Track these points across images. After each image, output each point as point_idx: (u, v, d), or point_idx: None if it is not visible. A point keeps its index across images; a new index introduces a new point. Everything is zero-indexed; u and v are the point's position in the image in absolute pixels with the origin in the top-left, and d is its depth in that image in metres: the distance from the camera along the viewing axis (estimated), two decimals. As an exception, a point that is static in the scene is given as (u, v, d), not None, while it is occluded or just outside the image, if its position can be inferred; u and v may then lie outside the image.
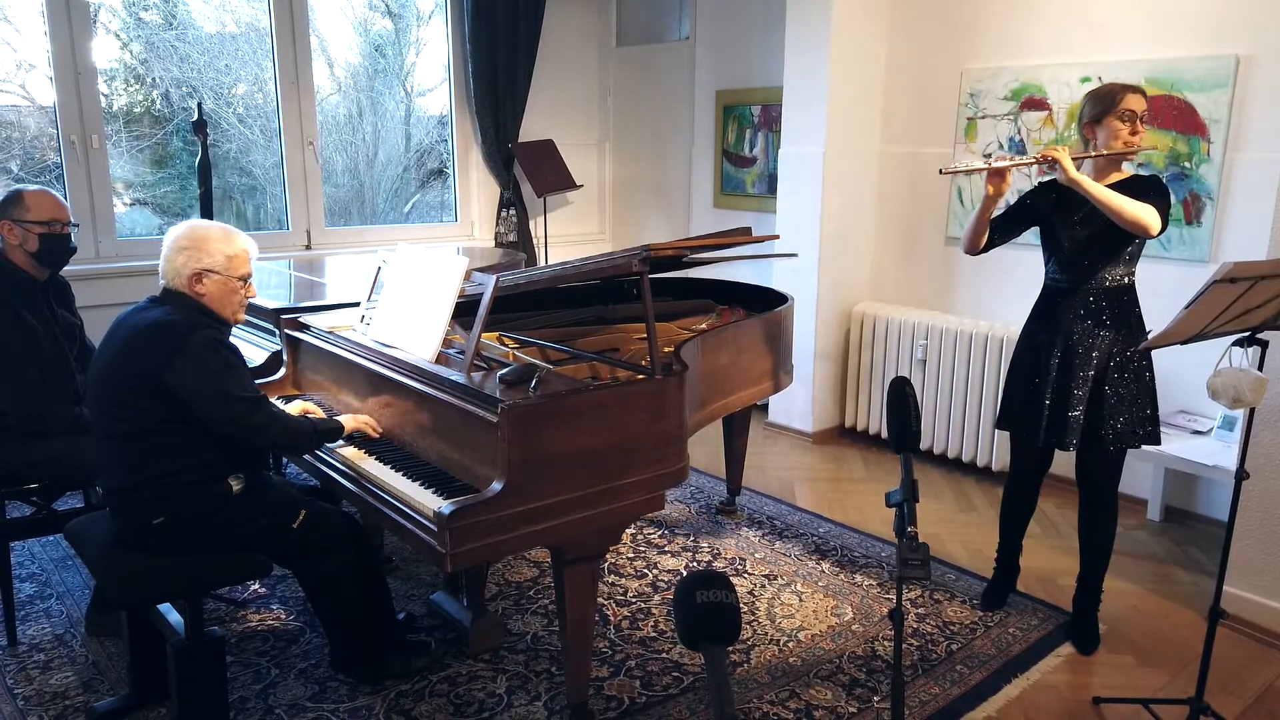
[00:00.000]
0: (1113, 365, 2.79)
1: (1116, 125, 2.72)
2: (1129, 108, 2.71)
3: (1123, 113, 2.71)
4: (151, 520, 2.38)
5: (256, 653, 2.92)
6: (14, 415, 2.85)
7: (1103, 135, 2.75)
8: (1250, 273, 2.09)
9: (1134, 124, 2.72)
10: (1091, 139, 2.80)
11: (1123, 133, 2.72)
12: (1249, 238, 3.61)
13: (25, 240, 2.94)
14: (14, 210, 2.93)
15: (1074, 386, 2.81)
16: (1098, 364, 2.79)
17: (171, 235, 2.51)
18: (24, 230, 2.93)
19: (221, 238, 2.50)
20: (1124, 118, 2.71)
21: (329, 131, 5.52)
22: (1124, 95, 2.72)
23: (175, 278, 2.46)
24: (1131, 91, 2.73)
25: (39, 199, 2.96)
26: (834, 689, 2.77)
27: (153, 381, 2.33)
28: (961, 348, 4.42)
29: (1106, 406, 2.79)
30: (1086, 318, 2.81)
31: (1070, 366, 2.81)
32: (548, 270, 2.95)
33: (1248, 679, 2.85)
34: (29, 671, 2.82)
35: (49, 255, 2.98)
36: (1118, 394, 2.79)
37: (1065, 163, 2.66)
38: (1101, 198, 2.64)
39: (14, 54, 4.45)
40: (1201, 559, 3.65)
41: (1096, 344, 2.80)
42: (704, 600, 1.29)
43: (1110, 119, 2.72)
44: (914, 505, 1.78)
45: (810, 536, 3.82)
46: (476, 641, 2.93)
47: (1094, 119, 2.76)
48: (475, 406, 2.35)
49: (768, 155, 5.36)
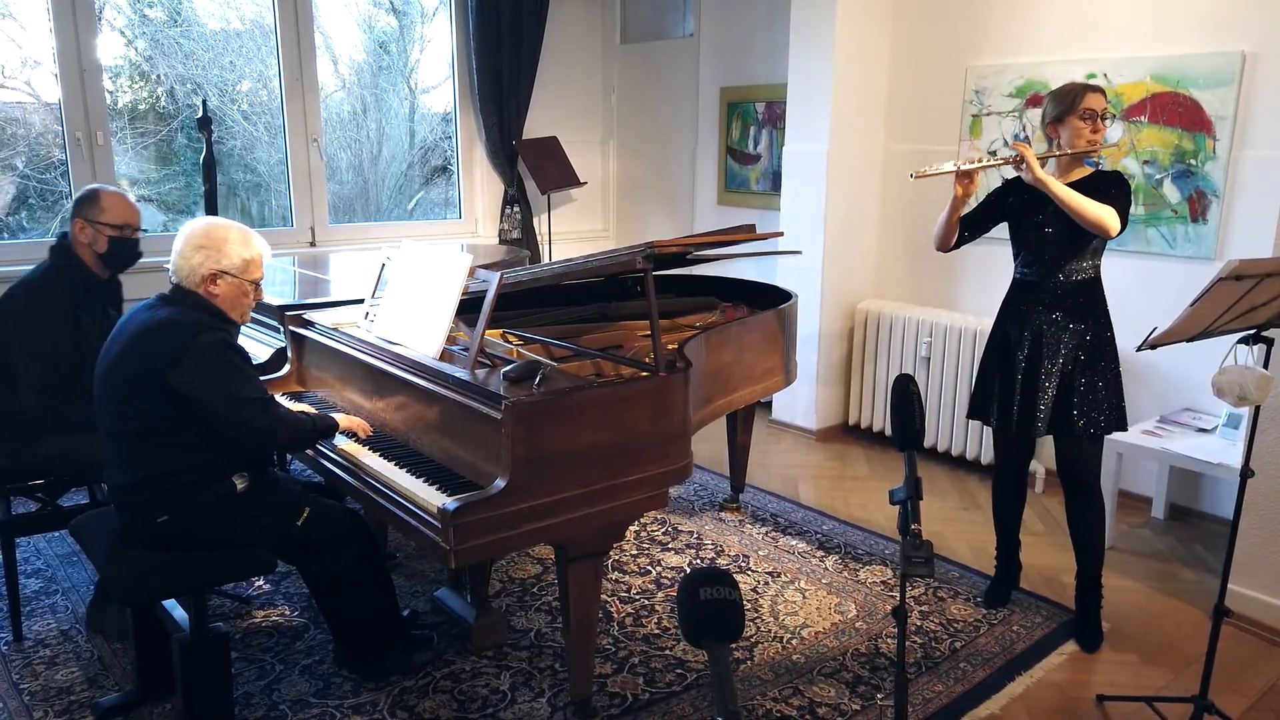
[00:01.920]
0: (1080, 357, 2.86)
1: (1078, 125, 2.77)
2: (1089, 107, 2.76)
3: (1083, 112, 2.76)
4: (155, 518, 2.39)
5: (261, 648, 2.92)
6: (38, 411, 2.85)
7: (1065, 135, 2.81)
8: (1256, 270, 2.09)
9: (1094, 122, 2.77)
10: (1055, 138, 2.86)
11: (1084, 131, 2.77)
12: (1254, 235, 3.60)
13: (95, 241, 2.95)
14: (89, 210, 2.95)
15: (1043, 375, 2.88)
16: (1065, 355, 2.87)
17: (187, 232, 2.48)
18: (95, 230, 2.94)
19: (239, 240, 2.49)
20: (1085, 116, 2.77)
21: (333, 128, 5.53)
22: (1084, 95, 2.77)
23: (189, 276, 2.45)
24: (1091, 91, 2.78)
25: (114, 202, 2.97)
26: (837, 686, 2.77)
27: (158, 381, 2.33)
28: (965, 345, 4.42)
29: (1076, 395, 2.86)
30: (1054, 310, 2.88)
31: (1038, 357, 2.89)
32: (551, 267, 2.95)
33: (1252, 677, 2.85)
34: (34, 667, 2.83)
35: (115, 259, 3.01)
36: (1087, 382, 2.86)
37: (1032, 161, 2.73)
38: (1064, 198, 2.71)
39: (19, 51, 4.46)
40: (1206, 557, 3.64)
41: (1064, 336, 2.87)
42: (707, 597, 1.29)
43: (1072, 119, 2.78)
44: (917, 503, 1.78)
45: (814, 534, 3.82)
46: (480, 638, 2.93)
47: (1056, 118, 2.82)
48: (479, 403, 2.35)
49: (772, 152, 5.35)
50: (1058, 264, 2.86)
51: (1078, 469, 2.94)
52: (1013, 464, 3.14)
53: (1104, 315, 2.90)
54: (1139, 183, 3.90)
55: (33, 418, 2.86)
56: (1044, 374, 2.88)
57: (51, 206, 4.66)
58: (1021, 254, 2.97)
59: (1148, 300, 3.74)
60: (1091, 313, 2.87)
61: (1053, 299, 2.88)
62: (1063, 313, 2.87)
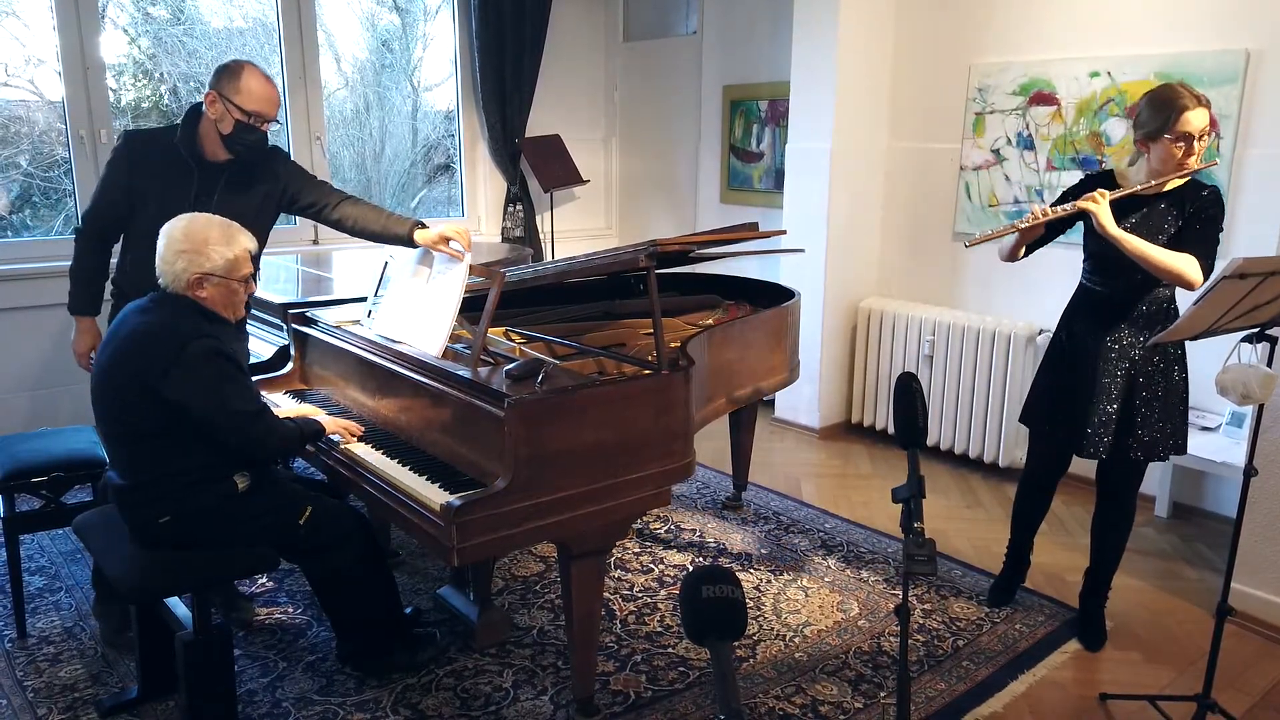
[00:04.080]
0: (1143, 377, 2.72)
1: (1170, 148, 2.53)
2: (1186, 130, 2.49)
3: (1179, 135, 2.50)
4: (157, 519, 2.38)
5: (264, 646, 2.93)
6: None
7: (1155, 154, 2.57)
8: (1260, 268, 2.08)
9: (1189, 145, 2.51)
10: (1145, 153, 2.63)
11: (1176, 155, 2.52)
12: (1259, 233, 3.59)
13: (222, 119, 2.79)
14: (227, 85, 2.78)
15: (1103, 396, 2.73)
16: (1129, 374, 2.72)
17: (167, 235, 2.39)
18: (225, 108, 2.78)
19: (221, 239, 2.40)
20: (1179, 140, 2.51)
21: (336, 127, 5.53)
22: (1182, 115, 2.48)
23: (175, 281, 2.38)
24: (1192, 108, 2.49)
25: (253, 85, 2.79)
26: (840, 684, 2.77)
27: (152, 392, 2.30)
28: (969, 343, 4.41)
29: (1136, 420, 2.72)
30: (1121, 324, 2.72)
31: (1099, 374, 2.74)
32: (554, 265, 2.96)
33: (1255, 676, 2.84)
34: (39, 664, 2.83)
35: (235, 144, 2.83)
36: (1150, 406, 2.72)
37: (1103, 217, 2.54)
38: (1139, 252, 2.53)
39: (23, 49, 4.46)
40: (1209, 555, 3.64)
41: (1129, 353, 2.72)
42: (710, 595, 1.29)
43: (1164, 140, 2.53)
44: (920, 501, 1.77)
45: (816, 532, 3.82)
46: (483, 636, 2.94)
47: (1148, 135, 2.57)
48: (482, 401, 2.35)
49: (775, 150, 5.34)
50: (1128, 279, 2.67)
51: (1118, 486, 2.87)
52: (1044, 476, 3.04)
53: None
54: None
55: None
56: (1104, 394, 2.72)
57: (55, 205, 4.67)
58: (1090, 261, 2.78)
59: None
60: (1162, 330, 2.62)
61: (1120, 312, 2.70)
62: (1130, 327, 2.70)
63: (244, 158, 2.89)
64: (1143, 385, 2.73)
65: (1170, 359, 2.74)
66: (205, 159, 2.87)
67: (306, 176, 3.10)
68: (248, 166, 2.93)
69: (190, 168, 2.85)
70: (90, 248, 2.94)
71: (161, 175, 2.83)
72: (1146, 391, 2.73)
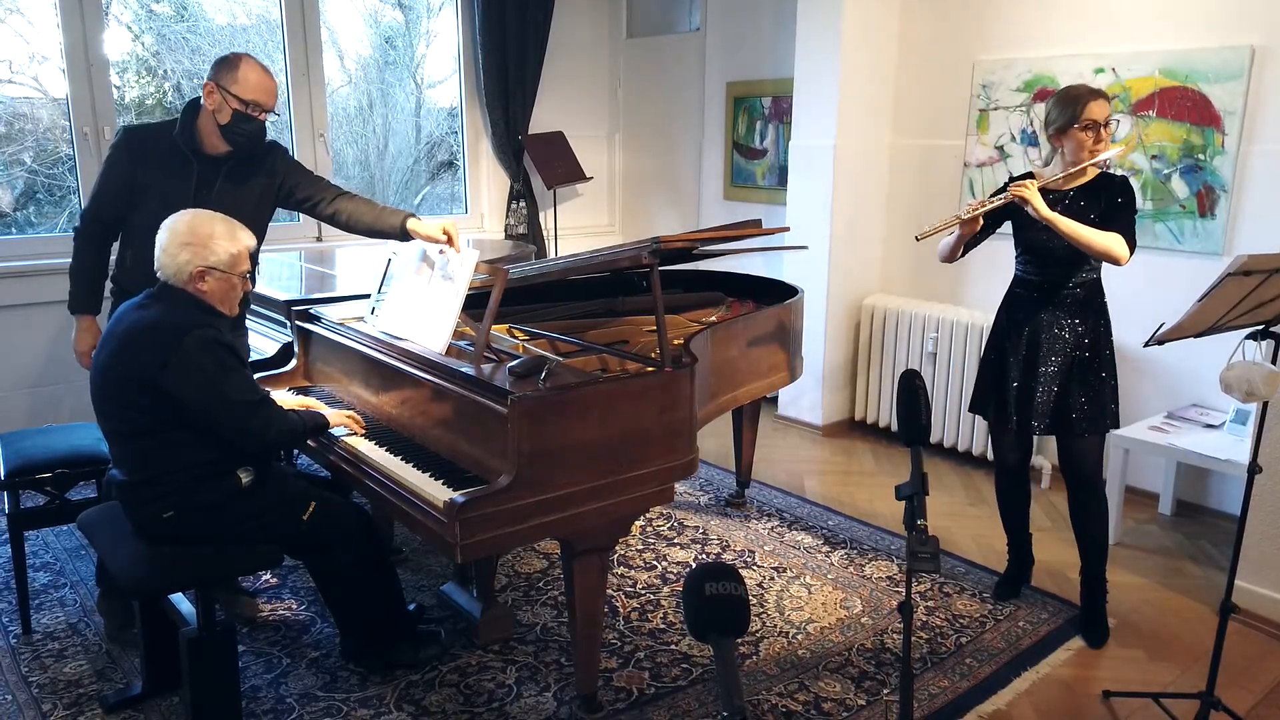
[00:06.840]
0: (1079, 355, 2.87)
1: (1080, 138, 2.75)
2: (1091, 118, 2.73)
3: (1086, 124, 2.73)
4: (161, 515, 2.38)
5: (268, 642, 2.93)
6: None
7: (1069, 146, 2.79)
8: (1264, 265, 2.08)
9: (1097, 133, 2.74)
10: (1059, 147, 2.84)
11: (1087, 143, 2.74)
12: (1263, 230, 3.58)
13: (220, 109, 2.78)
14: (224, 75, 2.77)
15: (1041, 373, 2.90)
16: (1064, 353, 2.88)
17: (170, 228, 2.41)
18: (223, 99, 2.77)
19: (225, 235, 2.43)
20: (1087, 128, 2.73)
21: (339, 123, 5.53)
22: (1085, 105, 2.73)
23: (176, 274, 2.39)
24: (1093, 99, 2.74)
25: (249, 75, 2.78)
26: (843, 681, 2.77)
27: (151, 385, 2.30)
28: (972, 341, 4.41)
29: (1075, 394, 2.87)
30: (1054, 309, 2.89)
31: (1037, 355, 2.90)
32: (558, 262, 2.96)
33: (1259, 673, 2.84)
34: (43, 660, 2.84)
35: (232, 135, 2.82)
36: (1086, 381, 2.87)
37: (1035, 202, 2.71)
38: (1072, 233, 2.70)
39: (27, 46, 4.47)
40: (1213, 553, 3.63)
41: (1062, 334, 2.88)
42: (713, 592, 1.29)
43: (1074, 130, 2.75)
44: (924, 498, 1.77)
45: (820, 529, 3.82)
46: (486, 632, 2.94)
47: (1058, 130, 2.79)
48: (485, 398, 2.35)
49: (778, 147, 5.34)
50: (1059, 267, 2.86)
51: (1078, 465, 2.95)
52: (1010, 460, 3.13)
53: (1104, 314, 2.91)
54: (1147, 176, 3.89)
55: None
56: (1042, 372, 2.89)
57: (59, 201, 4.67)
58: (1023, 253, 2.97)
59: (1155, 296, 3.72)
60: (1092, 311, 2.88)
61: (1053, 298, 2.89)
62: (1063, 311, 2.88)
63: (243, 149, 2.89)
64: (1078, 362, 2.88)
65: (1100, 336, 2.89)
66: (204, 152, 2.87)
67: (304, 171, 3.11)
68: (246, 160, 2.93)
69: (189, 161, 2.85)
70: (90, 244, 2.94)
71: (162, 168, 2.84)
72: (1082, 367, 2.88)
